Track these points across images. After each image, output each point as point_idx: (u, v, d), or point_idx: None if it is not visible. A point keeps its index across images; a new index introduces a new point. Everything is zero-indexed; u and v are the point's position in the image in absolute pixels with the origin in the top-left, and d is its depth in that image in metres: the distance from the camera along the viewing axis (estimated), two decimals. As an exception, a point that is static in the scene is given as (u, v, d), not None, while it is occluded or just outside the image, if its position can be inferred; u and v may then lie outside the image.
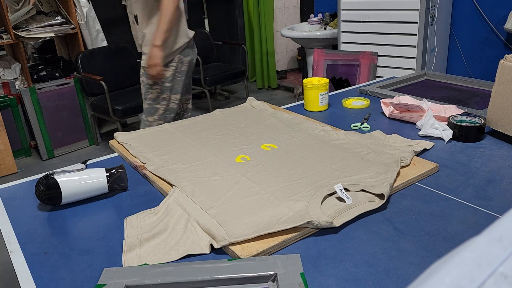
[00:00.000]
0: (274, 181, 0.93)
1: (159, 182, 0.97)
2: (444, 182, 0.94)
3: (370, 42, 3.01)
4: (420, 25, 2.70)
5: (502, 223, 0.27)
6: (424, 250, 0.72)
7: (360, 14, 2.99)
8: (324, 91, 1.42)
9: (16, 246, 0.79)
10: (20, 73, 3.27)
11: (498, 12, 2.79)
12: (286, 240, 0.75)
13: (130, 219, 0.84)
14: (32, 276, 0.71)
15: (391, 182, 0.89)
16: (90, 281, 0.69)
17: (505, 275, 0.24)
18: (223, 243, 0.73)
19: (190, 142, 1.18)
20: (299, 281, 0.63)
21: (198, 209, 0.83)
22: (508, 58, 1.09)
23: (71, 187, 0.90)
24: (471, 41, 2.99)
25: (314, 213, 0.78)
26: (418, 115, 1.26)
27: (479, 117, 1.15)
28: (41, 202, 0.91)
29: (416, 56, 2.79)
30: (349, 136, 1.15)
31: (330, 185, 0.88)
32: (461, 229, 0.77)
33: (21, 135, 3.22)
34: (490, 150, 1.08)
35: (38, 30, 3.16)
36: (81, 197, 0.92)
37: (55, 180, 0.89)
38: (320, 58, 3.24)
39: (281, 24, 4.78)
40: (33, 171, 3.05)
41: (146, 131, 1.27)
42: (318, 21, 3.76)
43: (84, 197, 0.93)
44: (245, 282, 0.65)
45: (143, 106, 2.10)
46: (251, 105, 1.46)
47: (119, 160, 1.15)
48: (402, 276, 0.66)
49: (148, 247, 0.75)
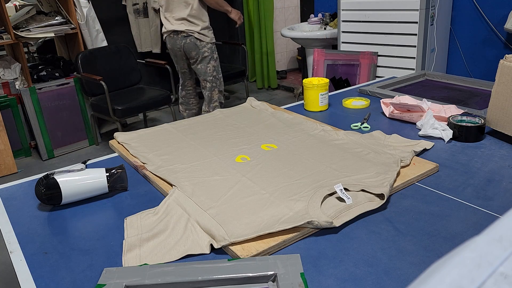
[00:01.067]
0: (274, 181, 0.93)
1: (159, 182, 0.97)
2: (444, 182, 0.94)
3: (370, 42, 3.01)
4: (420, 25, 2.70)
5: (502, 223, 0.27)
6: (424, 250, 0.72)
7: (360, 14, 2.99)
8: (324, 91, 1.42)
9: (16, 246, 0.79)
10: (20, 73, 3.27)
11: (498, 12, 2.79)
12: (286, 240, 0.75)
13: (130, 219, 0.84)
14: (32, 276, 0.71)
15: (391, 182, 0.89)
16: (90, 281, 0.69)
17: (505, 275, 0.24)
18: (223, 243, 0.73)
19: (190, 142, 1.18)
20: (299, 281, 0.63)
21: (198, 209, 0.83)
22: (508, 58, 1.09)
23: (71, 187, 0.90)
24: (471, 41, 2.99)
25: (314, 213, 0.78)
26: (418, 115, 1.26)
27: (479, 117, 1.15)
28: (41, 202, 0.91)
29: (416, 56, 2.79)
30: (349, 136, 1.15)
31: (330, 185, 0.88)
32: (461, 229, 0.77)
33: (21, 135, 3.22)
34: (490, 150, 1.08)
35: (38, 30, 3.16)
36: (81, 197, 0.92)
37: (55, 180, 0.89)
38: (320, 58, 3.23)
39: (281, 24, 4.79)
40: (33, 171, 3.05)
41: (146, 131, 1.27)
42: (318, 21, 3.76)
43: (84, 197, 0.93)
44: (245, 282, 0.65)
45: (205, 86, 3.00)
46: (251, 105, 1.46)
47: (119, 160, 1.15)
48: (402, 276, 0.66)
49: (148, 247, 0.75)
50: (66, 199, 0.90)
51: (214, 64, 2.96)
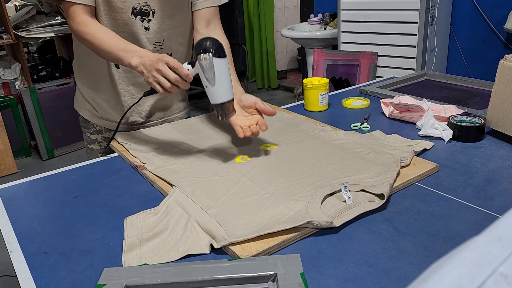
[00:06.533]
0: (274, 181, 0.93)
1: (159, 182, 0.97)
2: (444, 182, 0.94)
3: (370, 42, 3.01)
4: (420, 25, 2.70)
5: (502, 223, 0.27)
6: (424, 250, 0.72)
7: (360, 14, 2.99)
8: (324, 91, 1.42)
9: (16, 246, 0.79)
10: (20, 73, 3.27)
11: (498, 12, 2.79)
12: (286, 240, 0.75)
13: (130, 219, 0.84)
14: (32, 276, 0.71)
15: (391, 182, 0.89)
16: (90, 281, 0.69)
17: (505, 275, 0.24)
18: (223, 243, 0.73)
19: (190, 142, 1.18)
20: (299, 281, 0.63)
21: (198, 209, 0.83)
22: (508, 58, 1.09)
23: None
24: (471, 41, 2.99)
25: (314, 213, 0.78)
26: (418, 115, 1.26)
27: (479, 117, 1.15)
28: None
29: (416, 56, 2.79)
30: (349, 136, 1.15)
31: (330, 185, 0.88)
32: (461, 229, 0.77)
33: (21, 135, 3.22)
34: (490, 150, 1.08)
35: (38, 30, 3.16)
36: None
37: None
38: (320, 58, 3.24)
39: (281, 24, 4.79)
40: (33, 171, 3.05)
41: (146, 131, 1.27)
42: (318, 21, 3.76)
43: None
44: (245, 282, 0.65)
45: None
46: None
47: (119, 160, 1.15)
48: (402, 276, 0.66)
49: (148, 247, 0.75)
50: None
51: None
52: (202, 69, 0.95)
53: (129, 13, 1.16)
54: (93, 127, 1.36)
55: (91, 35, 1.08)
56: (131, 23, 1.18)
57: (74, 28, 1.11)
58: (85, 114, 1.36)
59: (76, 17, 1.10)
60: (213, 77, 0.94)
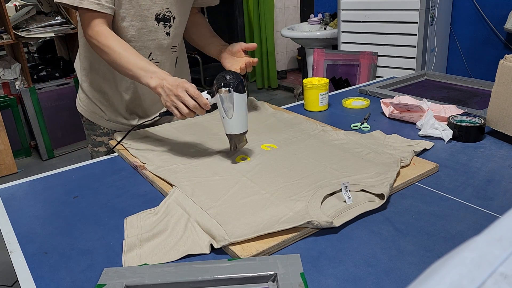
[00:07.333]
0: (274, 181, 0.93)
1: (159, 182, 0.97)
2: (444, 182, 0.94)
3: (370, 42, 3.01)
4: (420, 25, 2.70)
5: (502, 223, 0.27)
6: (424, 250, 0.72)
7: (360, 14, 2.99)
8: (324, 91, 1.42)
9: (16, 246, 0.79)
10: (20, 73, 3.27)
11: (498, 12, 2.79)
12: (286, 240, 0.75)
13: (130, 219, 0.84)
14: (32, 276, 0.71)
15: (391, 182, 0.89)
16: (90, 281, 0.69)
17: (505, 275, 0.24)
18: (223, 243, 0.73)
19: (190, 142, 1.18)
20: (299, 281, 0.63)
21: (198, 209, 0.83)
22: (508, 58, 1.09)
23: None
24: (471, 41, 2.99)
25: (314, 213, 0.78)
26: (418, 115, 1.26)
27: (479, 117, 1.15)
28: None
29: (416, 56, 2.79)
30: (349, 136, 1.15)
31: (330, 185, 0.88)
32: (461, 229, 0.77)
33: (21, 135, 3.22)
34: (490, 150, 1.08)
35: (38, 30, 3.16)
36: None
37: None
38: (320, 58, 3.23)
39: (281, 24, 4.79)
40: (33, 171, 3.05)
41: (146, 131, 1.27)
42: (318, 21, 3.76)
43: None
44: (245, 282, 0.65)
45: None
46: (251, 105, 1.46)
47: (119, 160, 1.15)
48: (402, 276, 0.66)
49: (148, 247, 0.75)
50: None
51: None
52: (221, 101, 0.98)
53: (153, 20, 1.18)
54: (99, 129, 1.36)
55: (110, 49, 1.07)
56: (155, 30, 1.19)
57: (92, 37, 1.10)
58: (90, 117, 1.35)
59: (95, 26, 1.09)
60: (231, 110, 0.98)
